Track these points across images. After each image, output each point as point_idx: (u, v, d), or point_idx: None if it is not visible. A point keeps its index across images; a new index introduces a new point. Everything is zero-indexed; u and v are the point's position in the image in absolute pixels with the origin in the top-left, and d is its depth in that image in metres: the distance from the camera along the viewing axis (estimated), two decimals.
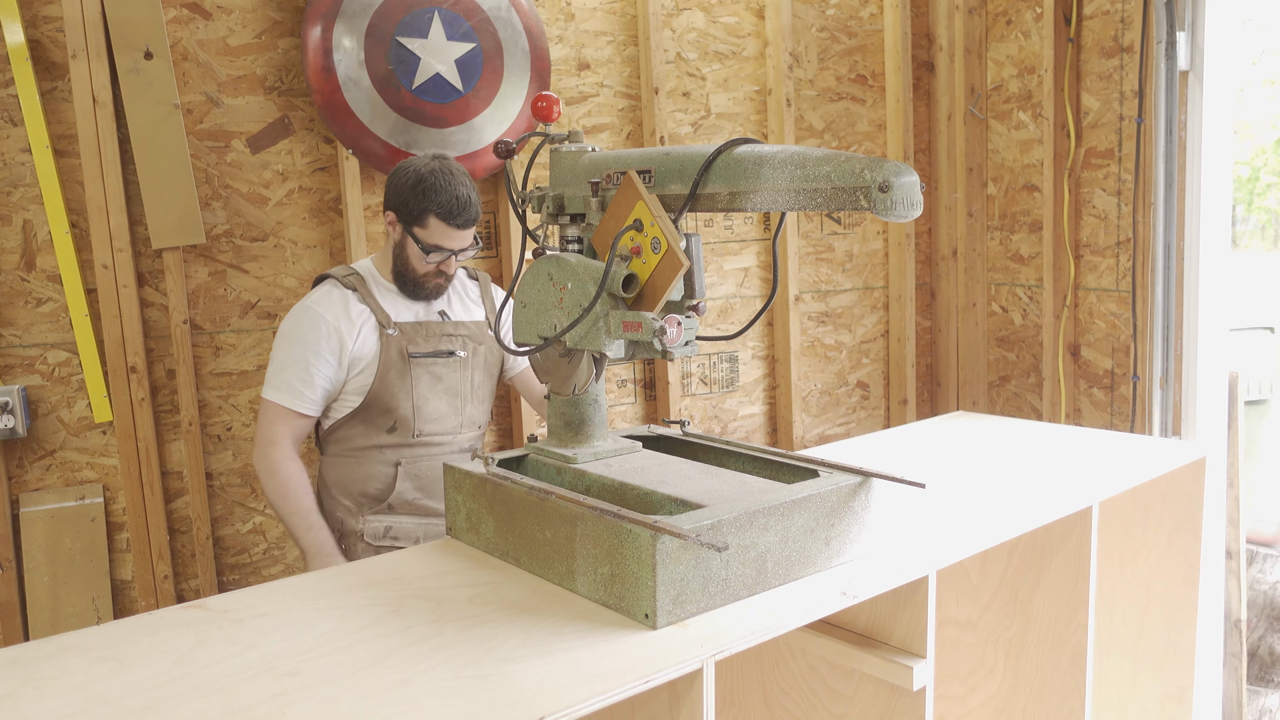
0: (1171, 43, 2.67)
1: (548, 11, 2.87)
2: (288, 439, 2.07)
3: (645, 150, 1.41)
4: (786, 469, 1.46)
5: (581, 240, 1.49)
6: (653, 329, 1.27)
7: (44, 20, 2.35)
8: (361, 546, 2.13)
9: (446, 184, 2.02)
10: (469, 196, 2.05)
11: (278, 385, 2.07)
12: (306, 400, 2.07)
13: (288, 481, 2.05)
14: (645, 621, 1.17)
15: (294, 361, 2.06)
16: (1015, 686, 1.88)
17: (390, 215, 2.10)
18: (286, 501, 2.05)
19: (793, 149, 1.20)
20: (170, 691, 1.03)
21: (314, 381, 2.07)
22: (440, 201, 2.02)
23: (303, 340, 2.07)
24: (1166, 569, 2.09)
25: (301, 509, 2.05)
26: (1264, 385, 3.88)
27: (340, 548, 2.10)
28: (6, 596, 2.36)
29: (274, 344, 2.12)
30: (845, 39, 3.34)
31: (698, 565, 1.19)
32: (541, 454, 1.52)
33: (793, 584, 1.29)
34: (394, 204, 2.08)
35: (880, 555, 1.40)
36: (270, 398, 2.08)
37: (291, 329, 2.09)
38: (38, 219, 2.38)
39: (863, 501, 1.37)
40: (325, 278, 2.17)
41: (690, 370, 3.18)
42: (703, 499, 1.29)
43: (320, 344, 2.06)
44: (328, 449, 2.18)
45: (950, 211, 3.50)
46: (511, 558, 1.40)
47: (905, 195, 1.08)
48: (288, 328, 2.10)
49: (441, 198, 2.02)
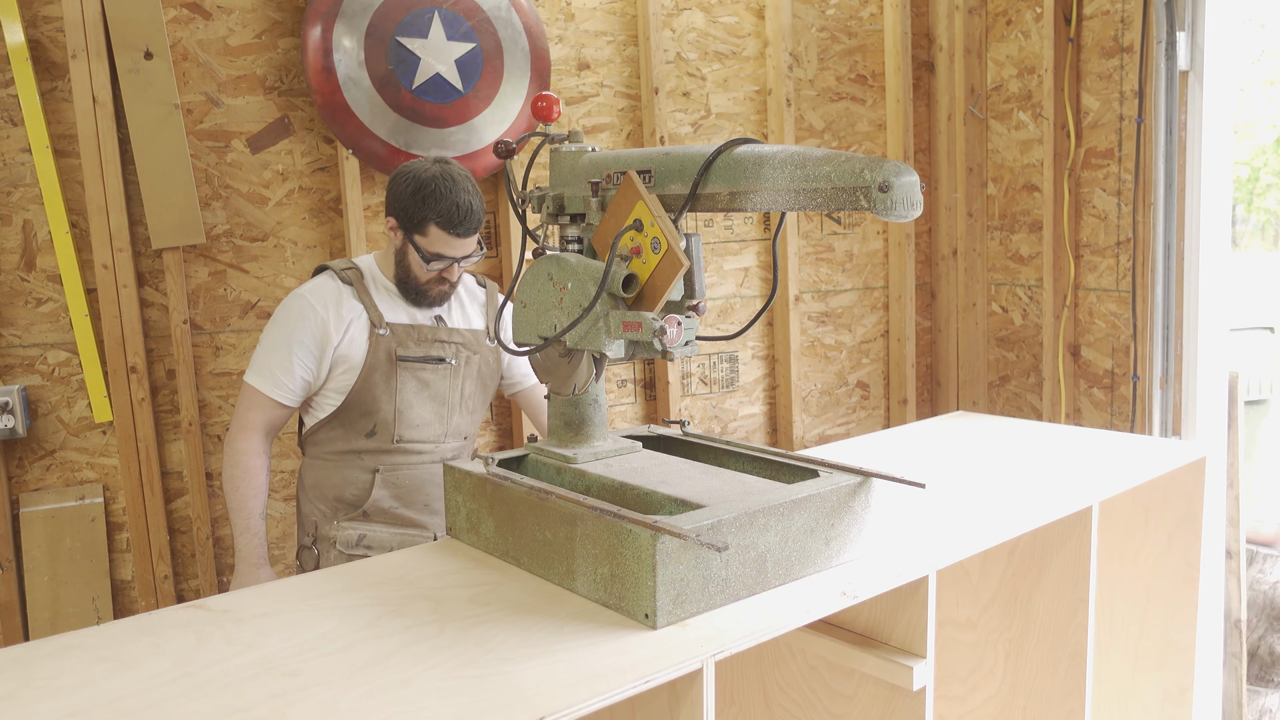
0: (1171, 43, 2.67)
1: (548, 11, 2.87)
2: (261, 427, 2.04)
3: (645, 150, 1.41)
4: (786, 469, 1.47)
5: (581, 240, 1.49)
6: (653, 329, 1.27)
7: (44, 20, 2.35)
8: (334, 554, 2.07)
9: (448, 191, 1.96)
10: (470, 204, 1.97)
11: (259, 370, 2.04)
12: (284, 389, 2.04)
13: (245, 475, 2.02)
14: (645, 621, 1.17)
15: (278, 348, 2.03)
16: (1015, 686, 1.88)
17: (391, 221, 2.03)
18: (235, 495, 2.03)
19: (793, 149, 1.20)
20: (170, 691, 1.03)
21: (293, 371, 2.03)
22: (441, 210, 1.95)
23: (290, 329, 2.03)
24: (1166, 569, 2.09)
25: (246, 508, 2.02)
26: (1264, 385, 3.88)
27: (313, 551, 2.07)
28: (6, 596, 2.36)
29: (265, 328, 2.10)
30: (845, 39, 3.34)
31: (698, 565, 1.19)
32: (541, 454, 1.52)
33: (793, 584, 1.29)
34: (394, 210, 2.02)
35: (880, 555, 1.40)
36: (250, 381, 2.05)
37: (282, 316, 2.06)
38: (38, 219, 2.38)
39: (863, 501, 1.37)
40: (324, 268, 2.13)
41: (690, 370, 3.18)
42: (703, 499, 1.29)
43: (305, 336, 2.02)
44: (308, 450, 2.14)
45: (950, 211, 3.50)
46: (511, 558, 1.40)
47: (905, 195, 1.08)
48: (279, 314, 2.07)
49: (442, 205, 1.95)
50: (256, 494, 2.04)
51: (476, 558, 1.44)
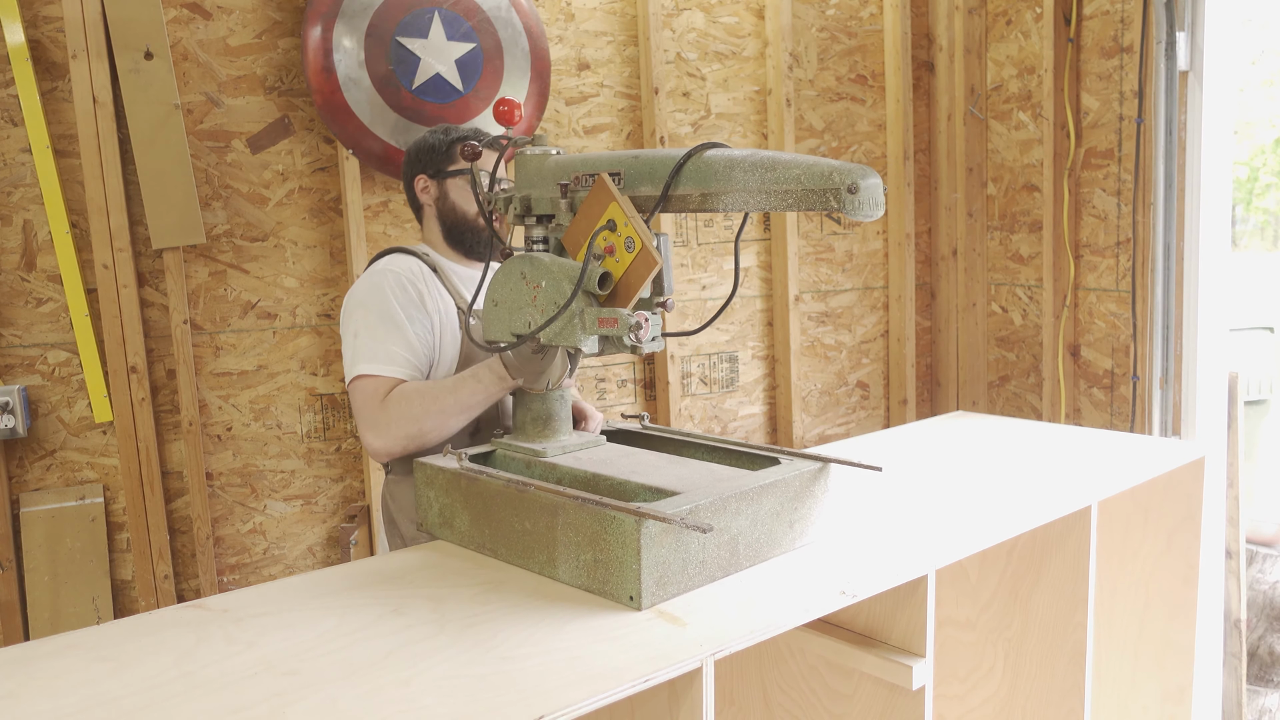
0: (1171, 43, 2.67)
1: (548, 11, 2.87)
2: None
3: (614, 153, 1.45)
4: (746, 457, 1.53)
5: (548, 240, 1.52)
6: (628, 324, 1.32)
7: (44, 20, 2.35)
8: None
9: (456, 125, 2.00)
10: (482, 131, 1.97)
11: (373, 357, 1.73)
12: (412, 366, 1.75)
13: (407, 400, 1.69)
14: (630, 604, 1.22)
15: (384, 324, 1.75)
16: (1015, 686, 1.88)
17: (420, 180, 1.93)
18: (432, 401, 1.67)
19: (763, 153, 1.25)
20: (170, 691, 1.03)
21: (413, 344, 1.76)
22: (460, 133, 1.95)
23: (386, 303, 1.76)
24: (1166, 569, 2.09)
25: (445, 388, 1.69)
26: (1264, 385, 3.88)
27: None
28: (6, 596, 2.36)
29: (347, 319, 1.81)
30: (845, 39, 3.34)
31: (678, 548, 1.24)
32: (510, 449, 1.56)
33: (794, 585, 1.30)
34: (418, 167, 1.94)
35: (880, 554, 1.40)
36: (368, 371, 1.72)
37: (368, 296, 1.79)
38: (38, 219, 2.38)
39: (822, 486, 1.44)
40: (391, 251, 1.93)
41: (690, 370, 3.18)
42: (675, 486, 1.34)
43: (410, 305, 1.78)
44: (398, 466, 1.85)
45: (950, 211, 3.50)
46: (489, 550, 1.44)
47: (871, 196, 1.16)
48: (363, 295, 1.80)
49: (460, 130, 1.97)
50: (430, 385, 1.72)
51: (476, 558, 1.44)
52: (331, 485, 2.72)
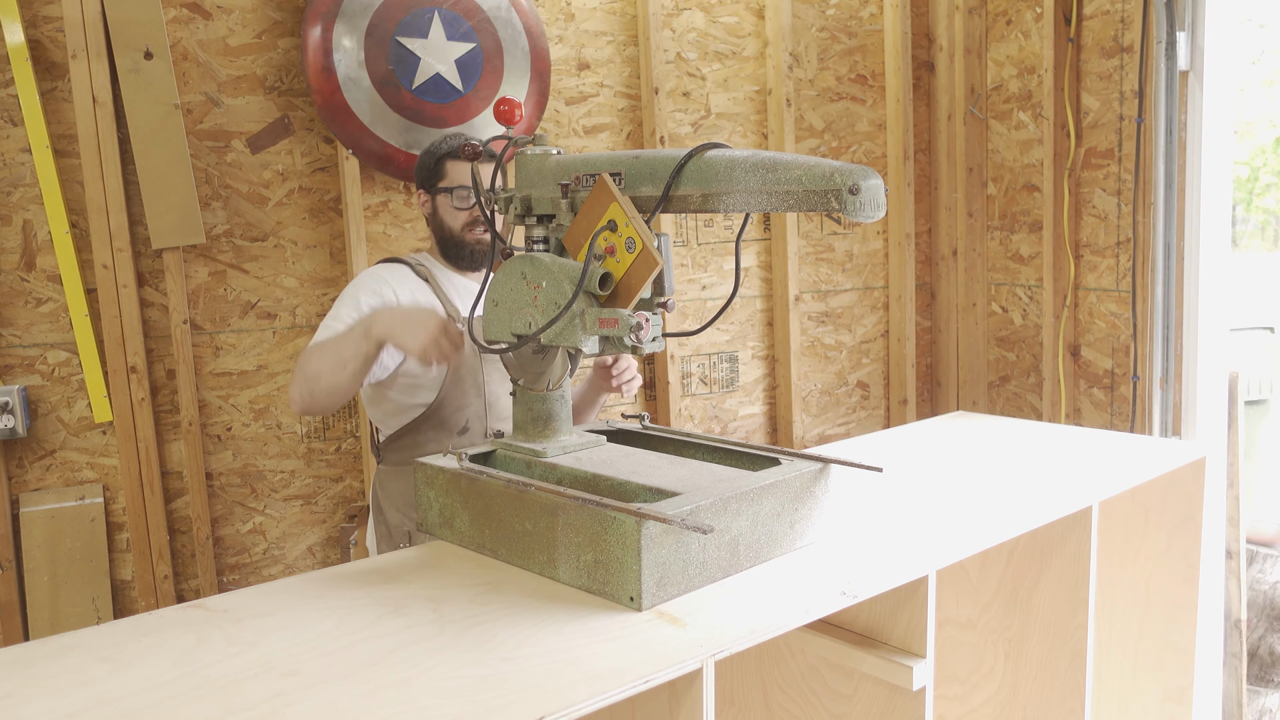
0: (1171, 43, 2.67)
1: (548, 11, 2.87)
2: None
3: (614, 153, 1.45)
4: (746, 458, 1.52)
5: (548, 240, 1.52)
6: (629, 325, 1.32)
7: (44, 20, 2.35)
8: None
9: (454, 136, 2.06)
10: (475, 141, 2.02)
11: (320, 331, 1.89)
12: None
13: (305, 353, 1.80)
14: (630, 604, 1.21)
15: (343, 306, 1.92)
16: (1015, 686, 1.88)
17: (420, 195, 2.06)
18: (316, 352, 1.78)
19: (764, 154, 1.25)
20: (170, 691, 1.03)
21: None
22: (450, 145, 2.02)
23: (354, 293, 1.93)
24: (1166, 569, 2.09)
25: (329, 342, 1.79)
26: (1264, 385, 3.88)
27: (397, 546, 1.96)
28: (6, 596, 2.36)
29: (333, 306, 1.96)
30: (845, 39, 3.34)
31: (678, 549, 1.24)
32: (510, 449, 1.56)
33: (794, 586, 1.30)
34: (418, 180, 2.05)
35: (880, 554, 1.40)
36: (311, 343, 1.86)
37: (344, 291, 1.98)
38: (38, 219, 2.38)
39: (822, 487, 1.44)
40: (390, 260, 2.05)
41: (691, 370, 3.18)
42: (676, 487, 1.33)
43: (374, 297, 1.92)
44: (389, 457, 2.02)
45: (950, 211, 3.50)
46: (489, 550, 1.44)
47: (872, 197, 1.15)
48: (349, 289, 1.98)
49: (451, 144, 2.02)
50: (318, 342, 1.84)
51: (476, 558, 1.44)
52: (331, 485, 2.72)
